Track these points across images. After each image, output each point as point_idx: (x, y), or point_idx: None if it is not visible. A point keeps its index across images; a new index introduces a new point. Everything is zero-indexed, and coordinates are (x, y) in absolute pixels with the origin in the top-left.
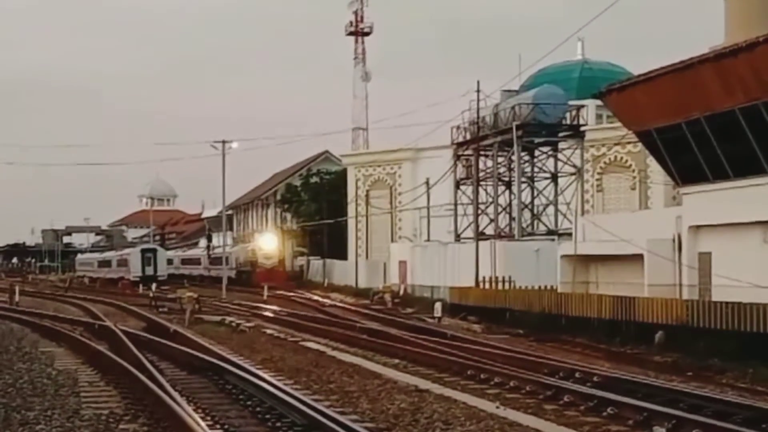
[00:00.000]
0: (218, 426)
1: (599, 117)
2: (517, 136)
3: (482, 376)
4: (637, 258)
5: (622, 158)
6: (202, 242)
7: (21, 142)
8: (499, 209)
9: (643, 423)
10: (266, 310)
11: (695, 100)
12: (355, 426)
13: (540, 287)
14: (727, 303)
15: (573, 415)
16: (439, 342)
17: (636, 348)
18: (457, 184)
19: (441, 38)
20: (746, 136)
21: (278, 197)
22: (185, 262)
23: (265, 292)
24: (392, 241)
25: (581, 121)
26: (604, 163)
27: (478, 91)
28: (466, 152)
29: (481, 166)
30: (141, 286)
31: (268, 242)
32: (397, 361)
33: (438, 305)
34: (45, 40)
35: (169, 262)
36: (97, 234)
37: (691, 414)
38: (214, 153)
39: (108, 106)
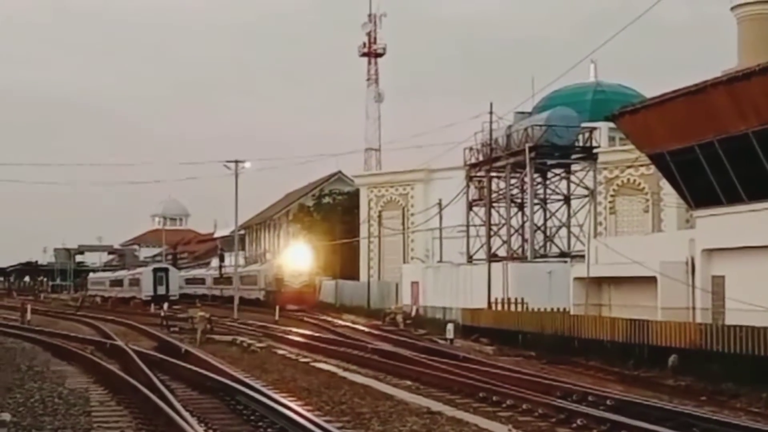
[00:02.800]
0: None
1: (612, 139)
2: (530, 157)
3: (494, 398)
4: (650, 281)
5: (635, 181)
6: (214, 262)
7: (34, 161)
8: (512, 231)
9: None
10: (277, 330)
11: (708, 123)
12: None
13: (552, 309)
14: (740, 327)
15: None
16: (451, 363)
17: (649, 371)
18: (470, 206)
19: (454, 60)
20: (760, 160)
21: (290, 217)
22: (218, 281)
23: (277, 313)
24: (404, 262)
25: (594, 144)
26: (617, 185)
27: (491, 112)
28: (478, 174)
29: (493, 187)
30: (152, 305)
31: (297, 257)
32: (408, 382)
33: (450, 326)
34: (59, 59)
35: (201, 281)
36: (110, 253)
37: None
38: (227, 173)
39: (121, 126)
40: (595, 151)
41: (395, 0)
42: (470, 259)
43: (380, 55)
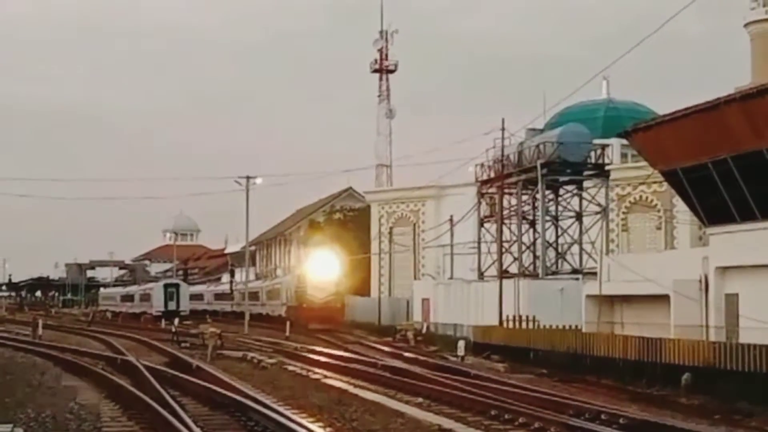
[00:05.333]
0: None
1: (624, 156)
2: (542, 174)
3: (506, 416)
4: (663, 298)
5: (647, 197)
6: (225, 277)
7: (46, 176)
8: (523, 248)
9: None
10: (288, 346)
11: (722, 140)
12: None
13: (564, 327)
14: (755, 345)
15: None
16: (463, 381)
17: (662, 390)
18: (481, 222)
19: (466, 76)
20: None
21: (302, 233)
22: (248, 296)
23: (287, 329)
24: (415, 278)
25: (606, 160)
26: (630, 202)
27: (502, 129)
28: (490, 190)
29: (505, 204)
30: (163, 320)
31: (321, 267)
32: (420, 399)
33: (461, 343)
34: (70, 74)
35: (228, 297)
36: (121, 268)
37: None
38: (238, 188)
39: (132, 141)
40: (607, 167)
41: (407, 17)
42: (481, 275)
43: (392, 71)
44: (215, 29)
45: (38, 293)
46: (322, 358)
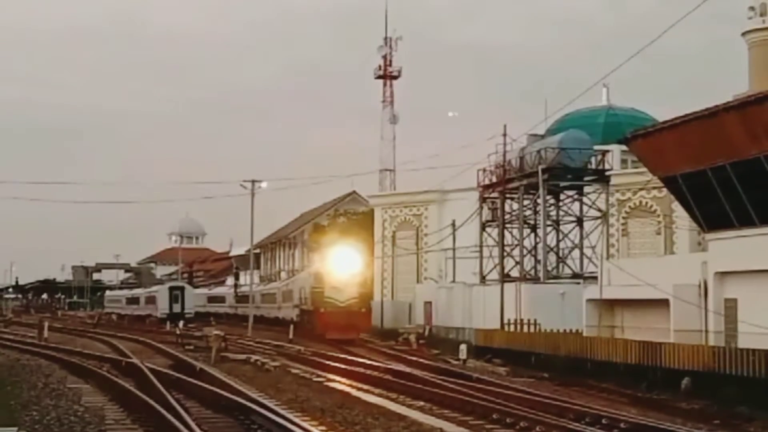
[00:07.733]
0: None
1: (624, 162)
2: (543, 179)
3: (508, 420)
4: (663, 303)
5: (647, 203)
6: (229, 280)
7: (53, 179)
8: (525, 252)
9: None
10: (291, 349)
11: (720, 147)
12: None
13: (565, 330)
14: (754, 350)
15: None
16: (465, 384)
17: (662, 394)
18: (483, 227)
19: (468, 82)
20: None
21: (305, 237)
22: (266, 299)
23: (291, 332)
24: (418, 282)
25: (606, 166)
26: (629, 207)
27: (504, 134)
28: (492, 195)
29: (506, 208)
30: (168, 323)
31: (344, 264)
32: (422, 403)
33: (463, 347)
34: (76, 79)
35: (244, 299)
36: (126, 271)
37: None
38: (243, 192)
39: (139, 145)
40: (607, 173)
41: (411, 24)
42: (483, 279)
43: (395, 77)
44: (220, 34)
45: (44, 296)
46: (325, 361)
